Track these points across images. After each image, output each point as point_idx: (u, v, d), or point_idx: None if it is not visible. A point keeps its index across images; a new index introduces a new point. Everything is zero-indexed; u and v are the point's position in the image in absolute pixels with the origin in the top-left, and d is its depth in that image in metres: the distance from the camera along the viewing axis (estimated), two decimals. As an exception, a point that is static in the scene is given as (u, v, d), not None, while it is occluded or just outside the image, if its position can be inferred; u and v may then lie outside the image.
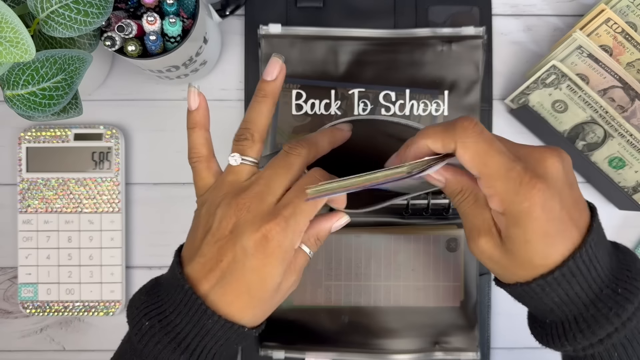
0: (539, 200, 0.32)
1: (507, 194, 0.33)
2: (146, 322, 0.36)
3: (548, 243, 0.33)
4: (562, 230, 0.33)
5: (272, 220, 0.36)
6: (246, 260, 0.35)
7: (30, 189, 0.57)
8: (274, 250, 0.35)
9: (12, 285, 0.59)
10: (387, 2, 0.58)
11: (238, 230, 0.36)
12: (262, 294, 0.36)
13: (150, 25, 0.47)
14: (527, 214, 0.32)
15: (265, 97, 0.40)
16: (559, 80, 0.53)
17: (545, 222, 0.33)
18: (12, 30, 0.38)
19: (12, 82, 0.43)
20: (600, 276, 0.34)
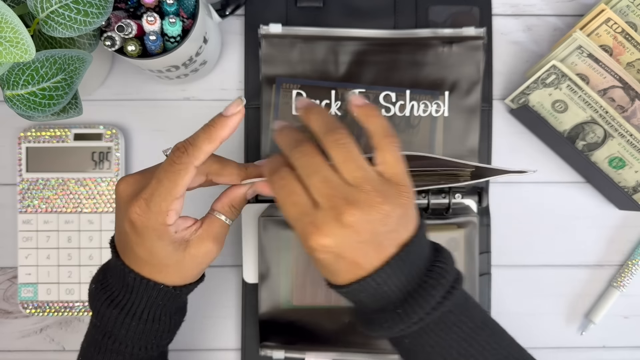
0: (320, 246, 0.38)
1: (300, 238, 0.39)
2: (92, 285, 0.44)
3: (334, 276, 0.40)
4: (348, 268, 0.39)
5: (133, 204, 0.40)
6: (128, 239, 0.41)
7: (30, 189, 0.57)
8: (142, 230, 0.40)
9: (11, 285, 0.59)
10: (387, 1, 0.58)
11: (117, 219, 0.42)
12: (159, 261, 0.41)
13: (150, 25, 0.47)
14: (313, 257, 0.39)
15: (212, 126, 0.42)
16: (559, 80, 0.53)
17: (329, 264, 0.39)
18: (12, 30, 0.38)
19: (12, 82, 0.43)
20: (390, 296, 0.39)
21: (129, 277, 0.41)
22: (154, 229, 0.39)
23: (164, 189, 0.39)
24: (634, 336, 0.59)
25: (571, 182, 0.59)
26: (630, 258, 0.58)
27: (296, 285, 0.55)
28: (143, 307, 0.42)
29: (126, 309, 0.42)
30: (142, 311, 0.42)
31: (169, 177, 0.39)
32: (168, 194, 0.39)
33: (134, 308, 0.42)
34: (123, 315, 0.42)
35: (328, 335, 0.55)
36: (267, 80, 0.56)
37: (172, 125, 0.59)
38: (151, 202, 0.39)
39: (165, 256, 0.40)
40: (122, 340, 0.42)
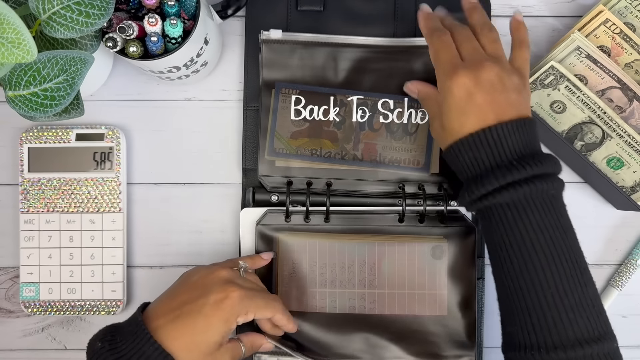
0: (459, 82, 0.46)
1: (442, 77, 0.48)
2: (99, 343, 0.43)
3: (462, 116, 0.46)
4: (477, 111, 0.45)
5: (238, 288, 0.47)
6: (202, 308, 0.44)
7: (31, 189, 0.57)
8: (229, 308, 0.45)
9: (13, 284, 0.59)
10: (388, 7, 0.58)
11: (209, 285, 0.46)
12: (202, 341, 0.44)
13: (152, 27, 0.48)
14: (448, 91, 0.47)
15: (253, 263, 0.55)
16: (558, 80, 0.54)
17: (460, 100, 0.46)
18: (13, 31, 0.38)
19: (14, 82, 0.43)
20: (505, 152, 0.45)
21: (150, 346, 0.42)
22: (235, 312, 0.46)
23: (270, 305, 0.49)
24: (633, 335, 0.60)
25: (570, 182, 0.59)
26: (628, 258, 0.59)
27: (282, 292, 0.55)
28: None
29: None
30: None
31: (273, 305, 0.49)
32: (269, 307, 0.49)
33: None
34: None
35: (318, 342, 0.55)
36: (267, 85, 0.56)
37: (173, 126, 0.59)
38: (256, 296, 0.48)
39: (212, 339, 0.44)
40: None
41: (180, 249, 0.59)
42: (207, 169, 0.59)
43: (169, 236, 0.59)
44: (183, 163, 0.59)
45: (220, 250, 0.59)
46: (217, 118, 0.59)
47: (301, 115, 0.56)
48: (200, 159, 0.59)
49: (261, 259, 0.54)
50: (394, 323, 0.55)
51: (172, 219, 0.59)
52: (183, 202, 0.59)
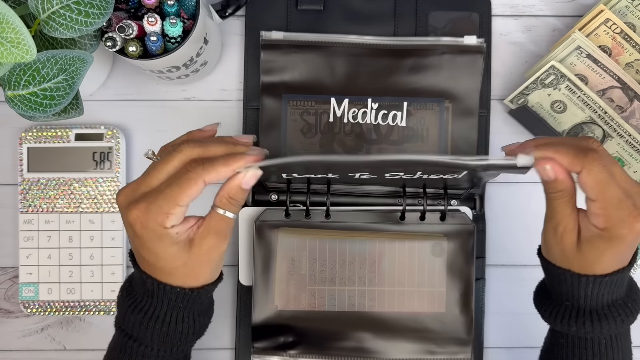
0: (636, 231, 0.41)
1: (614, 219, 0.40)
2: (119, 293, 0.45)
3: (616, 260, 0.42)
4: (628, 254, 0.43)
5: (133, 207, 0.40)
6: (133, 244, 0.42)
7: (31, 189, 0.57)
8: (141, 232, 0.40)
9: (13, 284, 0.59)
10: (388, 6, 0.58)
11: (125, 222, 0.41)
12: (165, 264, 0.41)
13: (151, 26, 0.47)
14: (621, 238, 0.41)
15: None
16: (558, 80, 0.54)
17: (626, 247, 0.42)
18: (13, 30, 0.38)
19: (13, 82, 0.43)
20: (619, 290, 0.44)
21: (147, 283, 0.42)
22: (152, 230, 0.40)
23: (171, 192, 0.39)
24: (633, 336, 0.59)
25: (570, 182, 0.59)
26: (629, 258, 0.59)
27: (280, 290, 0.55)
28: (165, 310, 0.43)
29: (149, 313, 0.43)
30: (164, 314, 0.43)
31: (178, 183, 0.39)
32: (172, 198, 0.39)
33: (157, 312, 0.43)
34: (147, 320, 0.43)
35: (317, 340, 0.55)
36: (267, 87, 0.56)
37: (172, 126, 0.59)
38: (153, 203, 0.39)
39: (169, 258, 0.41)
40: (147, 343, 0.43)
41: (179, 249, 0.59)
42: (207, 169, 0.59)
43: (168, 236, 0.59)
44: (183, 163, 0.59)
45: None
46: (216, 118, 0.59)
47: (311, 125, 0.56)
48: (200, 159, 0.59)
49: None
50: (393, 320, 0.55)
51: (172, 219, 0.59)
52: (183, 202, 0.59)
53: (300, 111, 0.56)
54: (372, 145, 0.56)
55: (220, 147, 0.42)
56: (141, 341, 0.43)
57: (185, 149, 0.41)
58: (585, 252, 0.42)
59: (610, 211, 0.40)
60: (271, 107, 0.56)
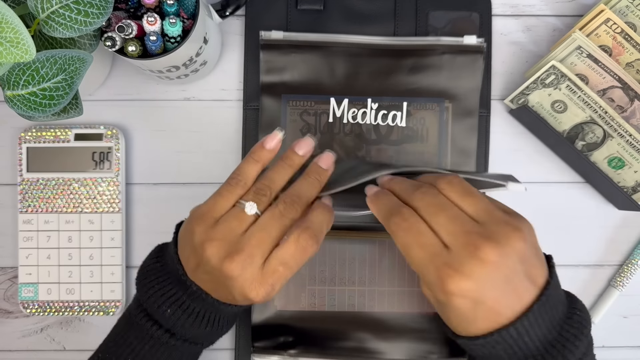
0: (456, 291, 0.35)
1: (428, 284, 0.37)
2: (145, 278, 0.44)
3: (468, 322, 0.37)
4: (488, 314, 0.36)
5: (262, 286, 0.40)
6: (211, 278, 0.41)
7: (30, 189, 0.57)
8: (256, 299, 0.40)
9: (12, 285, 0.59)
10: (388, 6, 0.58)
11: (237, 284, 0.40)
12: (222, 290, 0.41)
13: (151, 26, 0.47)
14: (446, 304, 0.36)
15: (291, 167, 0.43)
16: (559, 80, 0.54)
17: (466, 311, 0.36)
18: (12, 30, 0.38)
19: (12, 82, 0.43)
20: (528, 347, 0.36)
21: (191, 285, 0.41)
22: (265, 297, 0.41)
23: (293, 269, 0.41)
24: (633, 336, 0.59)
25: (570, 182, 0.59)
26: (629, 258, 0.59)
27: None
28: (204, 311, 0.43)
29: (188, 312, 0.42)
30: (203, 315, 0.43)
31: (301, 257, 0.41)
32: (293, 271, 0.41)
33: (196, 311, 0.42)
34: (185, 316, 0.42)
35: (317, 340, 0.55)
36: (267, 87, 0.56)
37: (172, 126, 0.59)
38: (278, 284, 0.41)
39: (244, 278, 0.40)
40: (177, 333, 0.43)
41: (179, 249, 0.59)
42: (207, 169, 0.59)
43: (168, 236, 0.59)
44: (182, 163, 0.59)
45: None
46: (216, 118, 0.59)
47: (311, 125, 0.56)
48: (200, 159, 0.59)
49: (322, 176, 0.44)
50: (393, 320, 0.55)
51: (171, 219, 0.59)
52: (182, 202, 0.59)
53: (299, 111, 0.56)
54: (372, 146, 0.56)
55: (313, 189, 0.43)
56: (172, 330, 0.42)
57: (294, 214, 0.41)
58: (441, 315, 0.39)
59: (422, 275, 0.37)
60: (271, 107, 0.56)
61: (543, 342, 0.36)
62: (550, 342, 0.36)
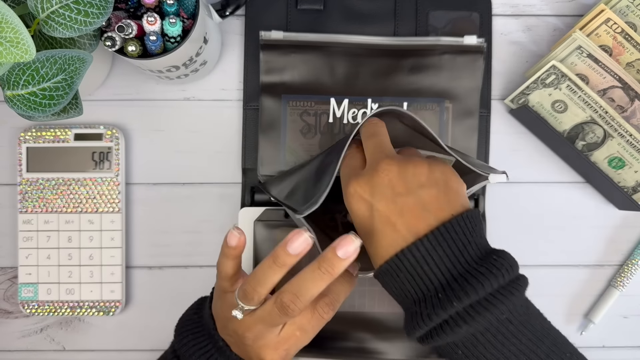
0: (352, 193, 0.39)
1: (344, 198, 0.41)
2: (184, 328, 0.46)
3: (370, 238, 0.39)
4: (386, 230, 0.38)
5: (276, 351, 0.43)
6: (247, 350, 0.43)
7: (30, 189, 0.57)
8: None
9: (12, 285, 0.59)
10: (388, 6, 0.58)
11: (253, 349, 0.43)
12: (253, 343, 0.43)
13: (151, 26, 0.47)
14: (349, 210, 0.40)
15: (281, 268, 0.40)
16: (559, 80, 0.53)
17: (363, 219, 0.39)
18: (12, 30, 0.38)
19: (12, 82, 0.43)
20: (429, 279, 0.37)
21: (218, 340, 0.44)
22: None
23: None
24: (634, 336, 0.59)
25: (571, 182, 0.59)
26: (629, 258, 0.59)
27: None
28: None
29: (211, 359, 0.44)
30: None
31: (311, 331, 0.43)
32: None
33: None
34: None
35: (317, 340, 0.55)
36: (266, 87, 0.56)
37: (172, 126, 0.59)
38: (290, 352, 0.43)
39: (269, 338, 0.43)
40: None
41: (179, 249, 0.59)
42: (206, 169, 0.59)
43: (167, 236, 0.59)
44: (182, 163, 0.59)
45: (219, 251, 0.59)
46: (216, 118, 0.59)
47: (311, 126, 0.56)
48: (200, 159, 0.59)
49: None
50: (393, 320, 0.55)
51: (171, 219, 0.59)
52: (182, 202, 0.59)
53: (299, 111, 0.56)
54: None
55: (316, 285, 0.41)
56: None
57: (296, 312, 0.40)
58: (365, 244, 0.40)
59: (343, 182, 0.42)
60: (271, 107, 0.56)
61: (446, 275, 0.36)
62: (454, 276, 0.36)
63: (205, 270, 0.59)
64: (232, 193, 0.59)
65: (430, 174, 0.38)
